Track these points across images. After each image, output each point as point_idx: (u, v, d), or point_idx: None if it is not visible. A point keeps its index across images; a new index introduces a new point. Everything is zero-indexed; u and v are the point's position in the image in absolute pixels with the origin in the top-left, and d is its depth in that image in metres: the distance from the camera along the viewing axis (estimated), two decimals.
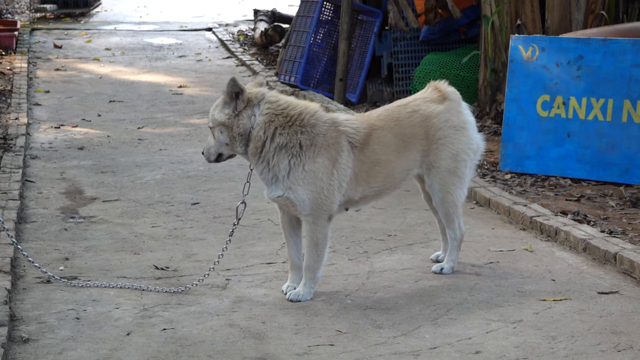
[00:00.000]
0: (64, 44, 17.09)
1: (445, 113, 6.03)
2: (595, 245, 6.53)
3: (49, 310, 5.60)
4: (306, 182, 5.67)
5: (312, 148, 5.69)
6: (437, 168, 6.02)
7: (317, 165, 5.67)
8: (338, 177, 5.71)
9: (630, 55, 8.42)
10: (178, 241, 7.00)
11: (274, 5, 19.54)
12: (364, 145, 5.80)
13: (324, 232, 5.74)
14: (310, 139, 5.69)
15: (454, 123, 6.05)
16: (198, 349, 5.06)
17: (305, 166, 5.67)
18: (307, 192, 5.67)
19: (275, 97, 5.81)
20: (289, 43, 13.33)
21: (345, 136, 5.76)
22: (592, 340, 5.15)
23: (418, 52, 12.32)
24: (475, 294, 5.87)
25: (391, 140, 5.89)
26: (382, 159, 5.86)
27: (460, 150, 6.04)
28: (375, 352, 5.01)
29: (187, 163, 9.40)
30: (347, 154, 5.75)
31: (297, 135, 5.69)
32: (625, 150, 8.46)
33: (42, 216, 7.58)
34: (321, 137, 5.70)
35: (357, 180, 5.80)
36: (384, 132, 5.88)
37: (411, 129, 5.96)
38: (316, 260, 5.75)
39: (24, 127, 10.55)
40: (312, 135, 5.70)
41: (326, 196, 5.68)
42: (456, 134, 6.04)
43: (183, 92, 13.31)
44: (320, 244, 5.74)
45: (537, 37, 8.90)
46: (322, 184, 5.67)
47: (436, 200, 6.13)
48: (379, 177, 5.87)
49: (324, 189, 5.68)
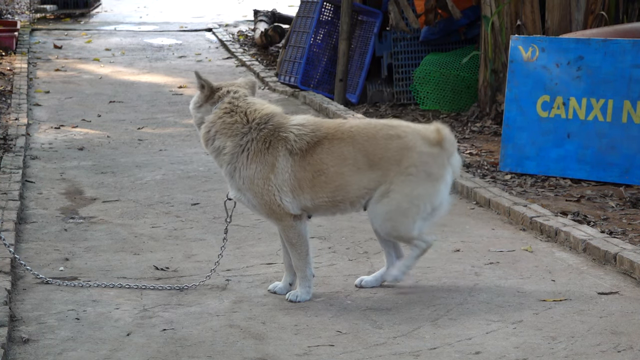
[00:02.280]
0: (64, 44, 17.09)
1: (429, 155, 5.64)
2: (595, 245, 6.52)
3: (49, 310, 5.59)
4: (246, 187, 5.69)
5: (245, 154, 5.67)
6: (388, 199, 5.63)
7: (250, 171, 5.66)
8: (276, 181, 5.63)
9: (630, 56, 8.42)
10: (178, 242, 6.99)
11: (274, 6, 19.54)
12: (306, 153, 5.65)
13: (295, 232, 5.68)
14: (243, 145, 5.67)
15: (431, 170, 5.64)
16: (198, 350, 5.06)
17: (241, 172, 5.68)
18: (252, 196, 5.69)
19: (239, 98, 5.81)
20: (289, 43, 13.33)
21: (284, 142, 5.65)
22: (592, 341, 5.15)
23: (418, 52, 12.32)
24: (475, 294, 5.87)
25: (349, 154, 5.64)
26: (330, 170, 5.63)
27: (421, 197, 5.62)
28: (375, 353, 5.01)
29: (187, 163, 9.40)
30: (285, 160, 5.64)
31: (235, 139, 5.69)
32: (625, 151, 8.46)
33: (42, 217, 7.57)
34: (256, 142, 5.66)
35: (300, 187, 5.65)
36: (342, 144, 5.65)
37: (385, 151, 5.63)
38: (299, 259, 5.72)
39: (24, 128, 10.55)
40: (247, 140, 5.67)
41: (271, 200, 5.63)
42: (426, 180, 5.62)
43: (183, 92, 13.31)
44: (296, 242, 5.69)
45: (537, 38, 8.90)
46: (260, 189, 5.65)
47: (376, 227, 5.77)
48: (326, 188, 5.65)
49: (264, 194, 5.64)
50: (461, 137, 10.42)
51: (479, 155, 9.63)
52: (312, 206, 5.72)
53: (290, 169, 5.65)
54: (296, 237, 5.70)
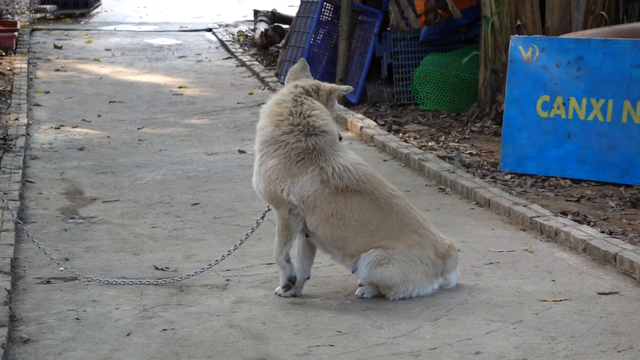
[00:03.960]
0: (64, 44, 17.10)
1: (431, 260, 5.77)
2: (595, 245, 6.52)
3: (49, 310, 5.60)
4: (261, 171, 5.75)
5: (275, 147, 5.72)
6: (387, 265, 5.72)
7: (271, 162, 5.69)
8: (292, 187, 5.65)
9: (630, 56, 8.42)
10: (178, 242, 7.00)
11: (274, 6, 19.54)
12: (340, 193, 5.66)
13: (285, 223, 5.70)
14: (278, 141, 5.71)
15: (428, 271, 5.79)
16: (198, 350, 5.06)
17: (264, 157, 5.74)
18: (261, 180, 5.74)
19: (301, 95, 5.87)
20: (289, 44, 13.33)
21: (319, 170, 5.66)
22: (592, 341, 5.15)
23: (418, 52, 12.32)
24: (475, 294, 5.87)
25: (376, 221, 5.69)
26: (351, 222, 5.66)
27: (414, 282, 5.75)
28: (375, 353, 5.01)
29: (187, 163, 9.40)
30: (312, 182, 5.65)
31: (276, 130, 5.73)
32: (625, 151, 8.46)
33: (42, 217, 7.58)
34: (289, 148, 5.69)
35: (313, 210, 5.67)
36: (377, 209, 5.70)
37: (401, 234, 5.72)
38: (277, 244, 5.76)
39: (24, 128, 10.55)
40: (284, 140, 5.70)
41: (276, 190, 5.68)
42: (424, 275, 5.76)
43: (183, 92, 13.31)
44: (280, 231, 5.72)
45: (537, 38, 8.90)
46: (270, 180, 5.69)
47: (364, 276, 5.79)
48: (334, 230, 5.67)
49: (271, 184, 5.69)
50: (461, 137, 10.42)
51: (479, 155, 9.64)
52: (312, 229, 5.74)
53: (314, 194, 5.67)
54: (283, 227, 5.72)
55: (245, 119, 11.46)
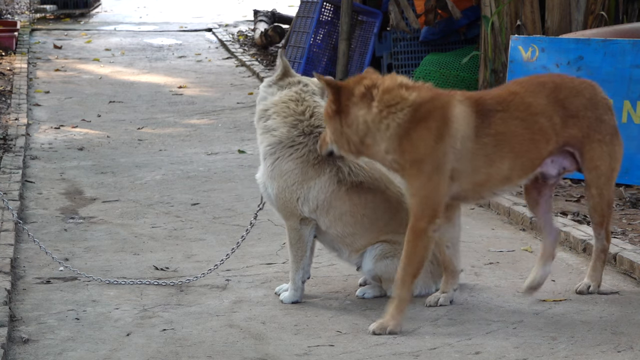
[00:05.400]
0: (64, 44, 17.10)
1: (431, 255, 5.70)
2: None
3: (49, 310, 5.60)
4: (274, 176, 5.67)
5: (291, 150, 5.66)
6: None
7: (287, 166, 5.64)
8: (307, 193, 5.62)
9: (630, 56, 8.42)
10: (178, 242, 7.00)
11: (274, 6, 19.53)
12: (354, 190, 5.65)
13: (298, 234, 5.66)
14: (295, 142, 5.66)
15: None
16: (198, 350, 5.06)
17: (278, 160, 5.68)
18: (274, 187, 5.67)
19: (308, 92, 5.83)
20: (288, 44, 13.33)
21: (336, 170, 5.64)
22: (592, 341, 5.14)
23: (418, 52, 12.32)
24: (475, 294, 5.87)
25: (382, 216, 5.69)
26: (362, 218, 5.66)
27: None
28: (375, 353, 5.01)
29: (187, 163, 9.40)
30: (328, 183, 5.63)
31: (291, 130, 5.68)
32: (625, 151, 8.41)
33: (42, 217, 7.58)
34: (307, 150, 5.66)
35: (327, 211, 5.65)
36: (387, 205, 5.70)
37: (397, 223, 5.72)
38: (292, 261, 5.71)
39: (24, 128, 10.55)
40: (300, 142, 5.67)
41: (290, 199, 5.63)
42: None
43: (183, 92, 13.31)
44: (294, 245, 5.68)
45: (537, 38, 8.90)
46: (285, 186, 5.64)
47: (368, 269, 5.81)
48: (346, 227, 5.67)
49: (286, 191, 5.64)
50: None
51: None
52: (323, 229, 5.71)
53: (331, 195, 5.64)
54: (296, 240, 5.69)
55: (245, 119, 11.45)
